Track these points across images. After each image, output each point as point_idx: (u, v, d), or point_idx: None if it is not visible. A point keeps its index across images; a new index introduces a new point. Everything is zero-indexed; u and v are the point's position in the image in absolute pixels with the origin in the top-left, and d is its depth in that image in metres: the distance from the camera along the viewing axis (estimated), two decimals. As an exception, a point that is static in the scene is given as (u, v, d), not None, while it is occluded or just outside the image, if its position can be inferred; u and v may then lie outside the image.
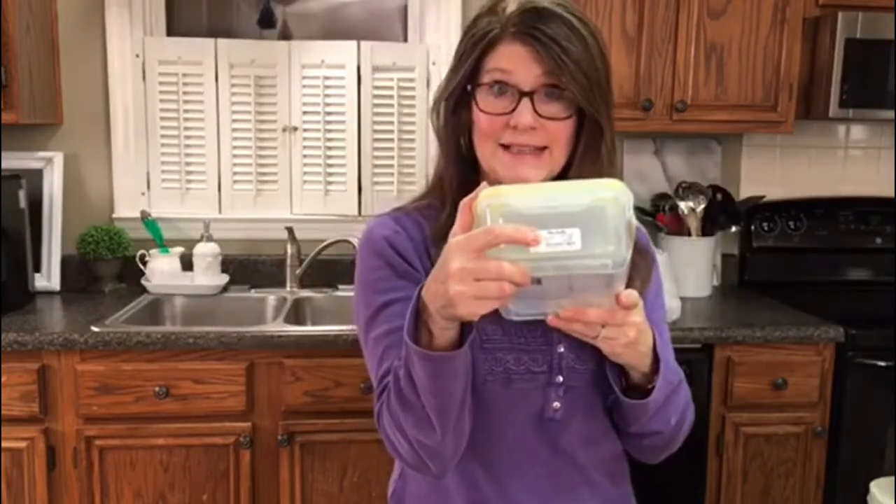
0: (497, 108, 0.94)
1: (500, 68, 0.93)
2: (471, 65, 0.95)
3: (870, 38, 2.20)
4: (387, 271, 0.98)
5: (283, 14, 2.53)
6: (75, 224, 2.39)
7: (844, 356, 2.04)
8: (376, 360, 0.97)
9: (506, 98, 0.93)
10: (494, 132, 0.95)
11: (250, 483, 1.95)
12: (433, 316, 0.81)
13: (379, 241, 0.99)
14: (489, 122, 0.94)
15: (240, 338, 1.91)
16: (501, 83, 0.93)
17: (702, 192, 2.40)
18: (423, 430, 0.89)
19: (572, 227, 0.74)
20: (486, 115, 0.94)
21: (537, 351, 0.99)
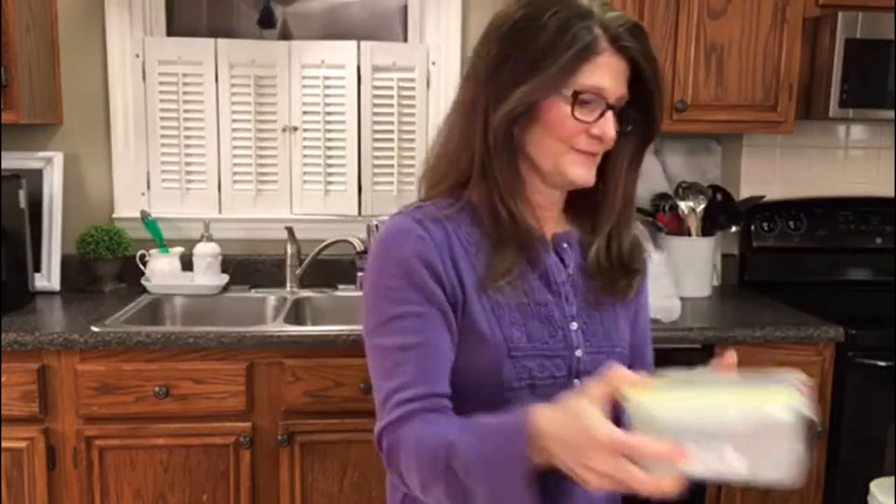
0: (584, 117, 0.94)
1: (597, 80, 0.93)
2: (566, 73, 0.92)
3: (870, 38, 2.20)
4: (403, 281, 0.94)
5: (283, 14, 2.53)
6: (75, 224, 2.39)
7: (844, 356, 2.04)
8: (383, 372, 0.95)
9: (588, 107, 0.94)
10: (573, 137, 0.95)
11: (250, 483, 1.95)
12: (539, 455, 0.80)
13: (401, 249, 0.95)
14: (575, 128, 0.94)
15: (240, 338, 1.91)
16: (597, 94, 0.93)
17: (702, 192, 2.40)
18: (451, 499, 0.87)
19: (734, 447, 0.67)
20: (574, 121, 0.94)
21: (558, 356, 0.99)
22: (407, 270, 0.94)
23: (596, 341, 1.00)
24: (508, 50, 0.94)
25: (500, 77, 0.94)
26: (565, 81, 0.92)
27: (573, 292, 1.02)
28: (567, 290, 1.01)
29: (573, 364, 1.00)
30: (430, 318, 0.93)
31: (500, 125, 0.94)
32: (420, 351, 0.93)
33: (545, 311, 0.99)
